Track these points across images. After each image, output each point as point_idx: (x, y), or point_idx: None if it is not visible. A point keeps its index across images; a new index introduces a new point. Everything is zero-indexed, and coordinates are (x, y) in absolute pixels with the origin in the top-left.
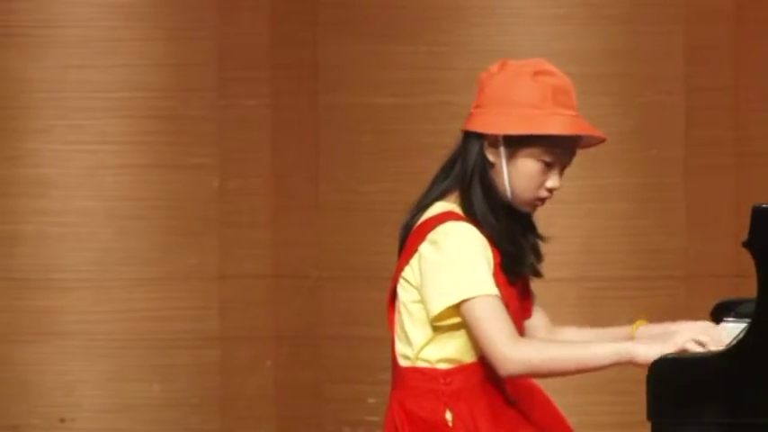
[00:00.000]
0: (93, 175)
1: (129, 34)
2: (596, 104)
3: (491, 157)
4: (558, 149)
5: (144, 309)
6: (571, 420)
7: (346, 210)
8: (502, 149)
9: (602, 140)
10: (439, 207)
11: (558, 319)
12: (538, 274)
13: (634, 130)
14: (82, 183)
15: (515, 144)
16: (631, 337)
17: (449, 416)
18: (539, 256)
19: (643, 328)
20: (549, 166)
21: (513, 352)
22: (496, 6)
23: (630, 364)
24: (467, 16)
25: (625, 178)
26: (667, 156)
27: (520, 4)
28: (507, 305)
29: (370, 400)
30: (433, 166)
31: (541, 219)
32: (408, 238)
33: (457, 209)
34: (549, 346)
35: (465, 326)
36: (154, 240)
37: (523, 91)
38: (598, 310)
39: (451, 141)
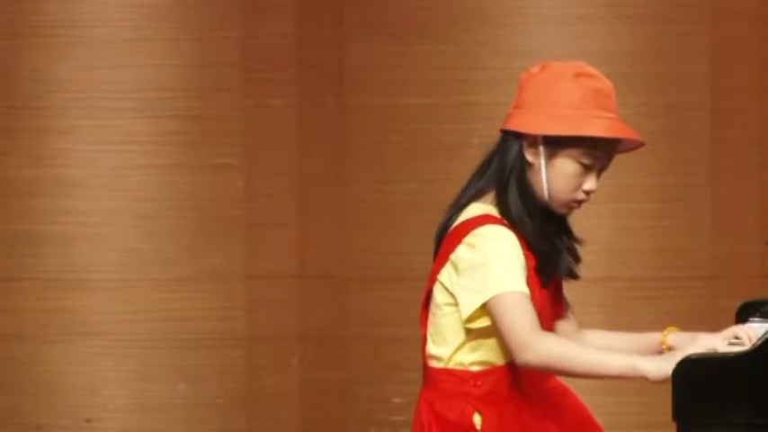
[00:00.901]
0: (119, 175)
1: (155, 34)
2: (622, 105)
3: (529, 158)
4: (598, 152)
5: (169, 309)
6: None
7: (372, 210)
8: (541, 149)
9: (641, 145)
10: (475, 209)
11: (584, 320)
12: (573, 276)
13: (659, 131)
14: (108, 183)
15: (555, 145)
16: (662, 344)
17: (477, 419)
18: (576, 257)
19: (674, 335)
20: (587, 169)
21: (532, 340)
22: (522, 6)
23: (643, 379)
24: (493, 16)
25: (650, 178)
26: (693, 156)
27: (546, 5)
28: (538, 308)
29: (396, 400)
30: (460, 166)
31: None
32: (444, 240)
33: (493, 211)
34: (569, 344)
35: (494, 324)
36: (179, 240)
37: (564, 92)
38: (623, 311)
39: (478, 141)
